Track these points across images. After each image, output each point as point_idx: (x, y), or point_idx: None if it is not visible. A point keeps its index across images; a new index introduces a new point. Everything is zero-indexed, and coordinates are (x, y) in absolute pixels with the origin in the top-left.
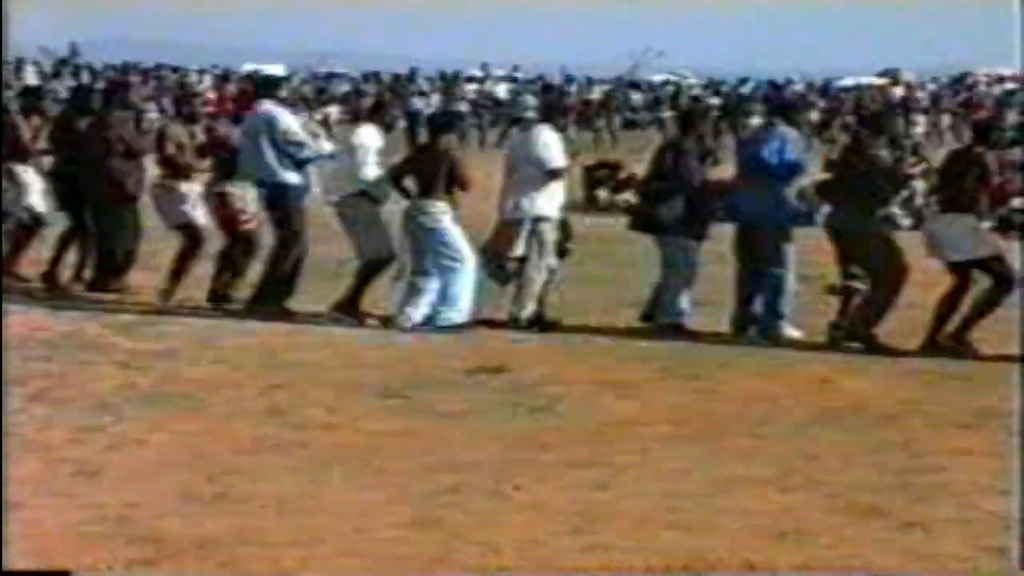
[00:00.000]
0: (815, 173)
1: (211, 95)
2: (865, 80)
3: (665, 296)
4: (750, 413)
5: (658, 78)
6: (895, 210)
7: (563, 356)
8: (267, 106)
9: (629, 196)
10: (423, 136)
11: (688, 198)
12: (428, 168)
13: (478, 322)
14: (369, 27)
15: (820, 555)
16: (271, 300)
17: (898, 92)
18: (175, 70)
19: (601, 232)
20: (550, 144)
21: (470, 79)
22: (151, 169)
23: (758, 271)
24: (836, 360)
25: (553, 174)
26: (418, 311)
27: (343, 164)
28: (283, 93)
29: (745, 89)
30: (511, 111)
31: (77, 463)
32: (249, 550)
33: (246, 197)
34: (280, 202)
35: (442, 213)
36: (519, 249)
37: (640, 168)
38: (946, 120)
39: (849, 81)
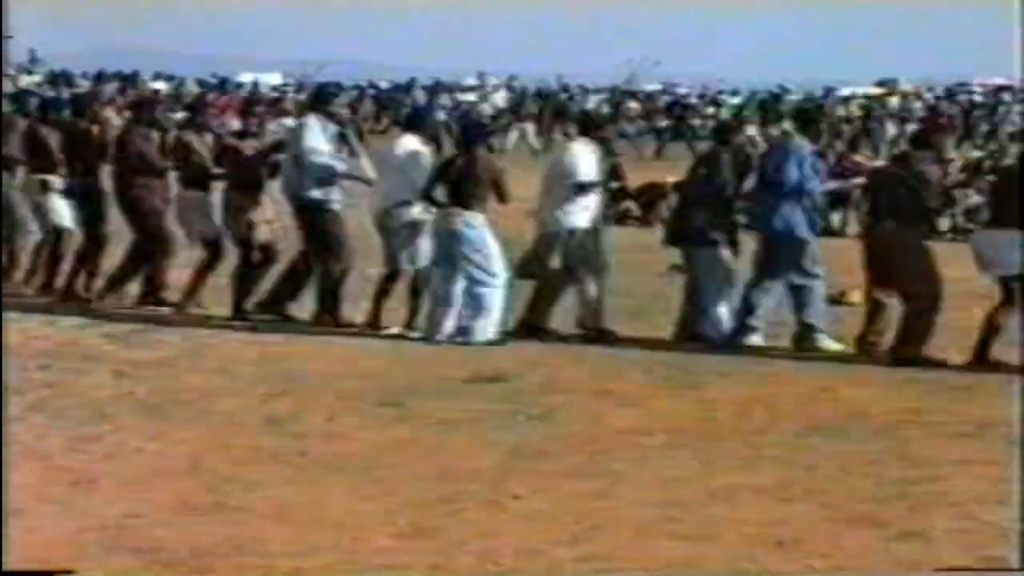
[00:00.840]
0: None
1: (221, 99)
2: (862, 90)
3: (704, 308)
4: (748, 422)
5: (652, 88)
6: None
7: (561, 365)
8: (304, 119)
9: (630, 205)
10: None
11: (723, 209)
12: (466, 178)
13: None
14: (370, 37)
15: (818, 564)
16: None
17: (894, 101)
18: (170, 79)
19: None
20: (577, 158)
21: (468, 88)
22: (173, 182)
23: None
24: (834, 369)
25: (581, 188)
26: (450, 323)
27: (388, 176)
28: (339, 107)
29: (737, 100)
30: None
31: (75, 472)
32: (247, 559)
33: (264, 207)
34: (303, 216)
35: (482, 224)
36: (555, 261)
37: (639, 177)
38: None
39: (846, 91)
